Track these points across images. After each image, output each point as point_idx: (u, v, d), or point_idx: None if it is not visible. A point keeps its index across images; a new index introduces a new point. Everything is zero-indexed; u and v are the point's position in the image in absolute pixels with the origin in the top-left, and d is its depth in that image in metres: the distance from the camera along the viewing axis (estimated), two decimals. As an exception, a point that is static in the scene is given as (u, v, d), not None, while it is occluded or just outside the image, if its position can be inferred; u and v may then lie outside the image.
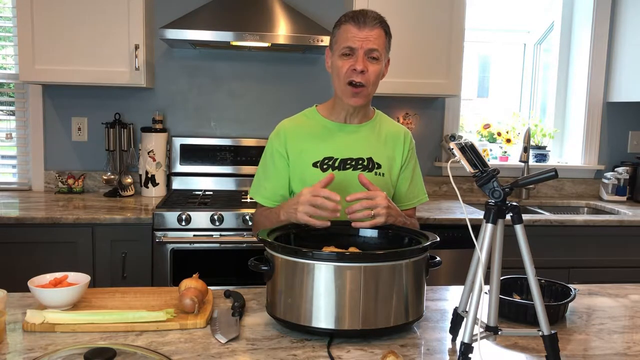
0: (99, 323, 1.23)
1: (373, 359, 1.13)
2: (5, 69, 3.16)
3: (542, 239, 2.68)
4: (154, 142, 2.96)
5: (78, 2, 2.70)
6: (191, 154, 3.10)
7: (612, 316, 1.42)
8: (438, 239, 1.33)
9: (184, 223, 2.50)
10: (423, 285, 1.28)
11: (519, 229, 1.10)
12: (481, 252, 1.08)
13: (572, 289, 1.43)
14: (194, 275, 1.40)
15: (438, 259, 1.32)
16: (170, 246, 2.50)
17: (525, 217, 2.65)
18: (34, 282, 1.34)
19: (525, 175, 2.67)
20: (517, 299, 1.44)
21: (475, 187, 2.41)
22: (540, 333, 1.09)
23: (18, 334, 1.21)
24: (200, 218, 2.52)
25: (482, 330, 1.12)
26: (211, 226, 2.52)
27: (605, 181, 3.32)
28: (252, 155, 3.10)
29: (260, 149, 3.18)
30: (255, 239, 1.77)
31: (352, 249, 1.40)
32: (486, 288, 1.15)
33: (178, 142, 3.09)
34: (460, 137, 1.18)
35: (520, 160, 3.30)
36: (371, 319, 1.19)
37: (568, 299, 1.38)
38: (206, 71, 3.19)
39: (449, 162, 1.16)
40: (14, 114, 3.14)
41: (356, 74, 1.60)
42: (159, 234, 2.49)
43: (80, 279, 1.38)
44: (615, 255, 2.79)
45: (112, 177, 3.02)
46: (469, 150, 1.14)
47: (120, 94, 3.11)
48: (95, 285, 1.81)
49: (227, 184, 3.14)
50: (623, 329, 1.34)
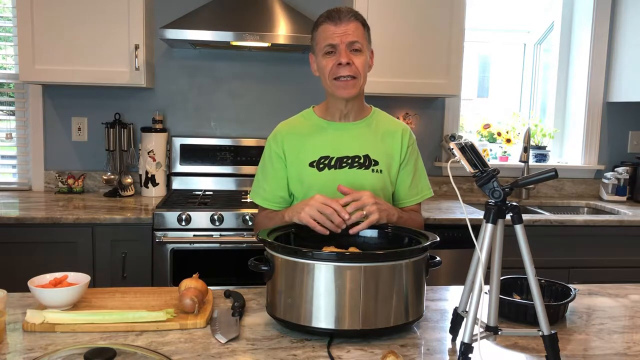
0: (99, 323, 1.23)
1: (373, 359, 1.13)
2: (5, 69, 3.16)
3: (542, 239, 2.68)
4: (154, 142, 2.96)
5: (78, 2, 2.70)
6: (191, 154, 3.10)
7: (612, 316, 1.42)
8: (438, 239, 1.33)
9: (184, 223, 2.50)
10: (423, 285, 1.28)
11: (519, 229, 1.10)
12: (481, 252, 1.08)
13: (572, 289, 1.43)
14: (194, 275, 1.40)
15: (438, 259, 1.32)
16: (170, 246, 2.51)
17: (525, 217, 2.65)
18: (34, 282, 1.34)
19: (525, 175, 2.67)
20: (517, 299, 1.43)
21: (475, 187, 2.41)
22: (540, 333, 1.09)
23: (18, 334, 1.21)
24: (200, 218, 2.52)
25: (482, 330, 1.12)
26: (211, 226, 2.52)
27: (605, 181, 3.32)
28: (252, 155, 3.10)
29: (260, 149, 3.18)
30: (255, 239, 1.77)
31: (352, 249, 1.40)
32: (486, 288, 1.15)
33: (178, 142, 3.09)
34: (460, 137, 1.18)
35: (520, 160, 3.30)
36: (371, 319, 1.19)
37: (568, 299, 1.38)
38: (206, 71, 3.19)
39: (449, 162, 1.16)
40: (14, 114, 3.14)
41: (342, 69, 1.60)
42: (159, 234, 2.49)
43: (80, 279, 1.38)
44: (615, 255, 2.79)
45: (112, 177, 3.02)
46: (469, 150, 1.14)
47: (120, 94, 3.11)
48: (95, 285, 1.81)
49: (227, 184, 3.14)
50: (623, 329, 1.34)
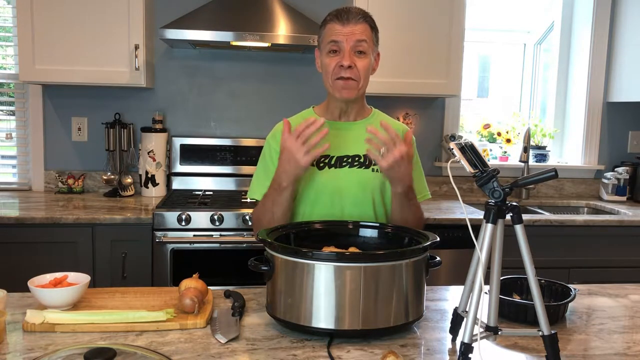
0: (99, 323, 1.23)
1: (373, 359, 1.13)
2: (5, 69, 3.16)
3: (542, 239, 2.68)
4: (154, 142, 2.96)
5: (78, 2, 2.70)
6: (191, 154, 3.10)
7: (612, 316, 1.42)
8: (438, 239, 1.33)
9: (184, 223, 2.50)
10: (423, 285, 1.28)
11: (519, 229, 1.10)
12: (481, 252, 1.08)
13: (572, 289, 1.43)
14: (194, 275, 1.40)
15: (438, 259, 1.32)
16: (170, 246, 2.51)
17: (525, 217, 2.65)
18: (34, 282, 1.34)
19: (525, 175, 2.67)
20: (517, 299, 1.43)
21: (475, 187, 2.41)
22: (540, 333, 1.09)
23: (18, 334, 1.21)
24: (200, 218, 2.52)
25: (482, 330, 1.12)
26: (211, 226, 2.52)
27: (605, 181, 3.32)
28: (252, 155, 3.10)
29: (260, 149, 3.17)
30: (255, 239, 1.77)
31: (352, 249, 1.40)
32: (486, 288, 1.15)
33: (178, 142, 3.09)
34: (460, 137, 1.18)
35: (520, 160, 3.30)
36: (371, 319, 1.19)
37: (568, 299, 1.38)
38: (206, 71, 3.19)
39: (449, 162, 1.15)
40: (14, 114, 3.14)
41: (344, 70, 1.60)
42: (159, 234, 2.49)
43: (80, 279, 1.38)
44: (615, 255, 2.79)
45: (112, 177, 3.02)
46: (469, 150, 1.14)
47: (120, 94, 3.11)
48: (95, 285, 1.81)
49: (227, 184, 3.14)
50: (623, 329, 1.34)
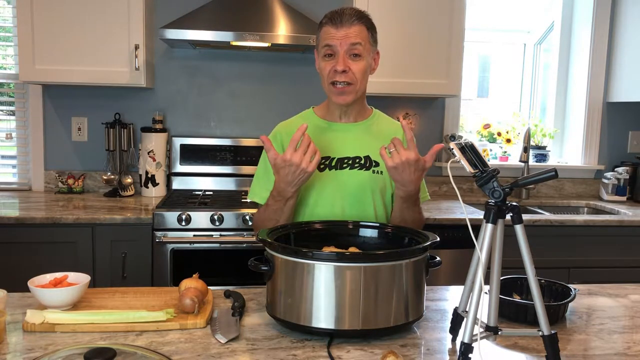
0: (99, 323, 1.23)
1: (373, 359, 1.13)
2: (5, 69, 3.16)
3: (542, 239, 2.68)
4: (154, 142, 2.96)
5: (78, 2, 2.70)
6: (191, 154, 3.10)
7: (612, 316, 1.42)
8: (438, 239, 1.33)
9: (184, 223, 2.50)
10: (423, 285, 1.28)
11: (519, 229, 1.10)
12: (481, 252, 1.08)
13: (572, 289, 1.43)
14: (194, 275, 1.40)
15: (438, 259, 1.32)
16: (170, 246, 2.51)
17: (525, 217, 2.65)
18: (34, 282, 1.34)
19: (525, 175, 2.67)
20: (517, 299, 1.43)
21: (475, 187, 2.41)
22: (540, 333, 1.09)
23: (18, 334, 1.21)
24: (200, 218, 2.52)
25: (482, 330, 1.12)
26: (211, 226, 2.52)
27: (605, 181, 3.32)
28: (252, 155, 3.10)
29: (260, 149, 3.16)
30: (255, 239, 1.77)
31: (352, 249, 1.40)
32: (486, 288, 1.15)
33: (178, 142, 3.09)
34: (460, 137, 1.18)
35: (520, 160, 3.30)
36: (371, 319, 1.19)
37: (568, 299, 1.38)
38: (206, 71, 3.19)
39: (449, 162, 1.15)
40: (14, 114, 3.14)
41: (338, 75, 1.59)
42: (159, 234, 2.49)
43: (80, 279, 1.38)
44: (615, 255, 2.79)
45: (112, 177, 3.02)
46: (469, 150, 1.14)
47: (120, 94, 3.11)
48: (95, 285, 1.81)
49: (227, 184, 3.14)
50: (623, 329, 1.34)
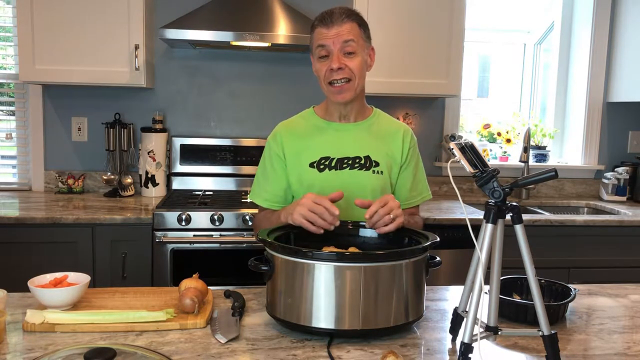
0: (99, 323, 1.23)
1: (373, 359, 1.13)
2: (5, 69, 3.16)
3: (542, 239, 2.68)
4: (154, 142, 2.96)
5: (78, 2, 2.70)
6: (191, 154, 3.10)
7: (612, 316, 1.42)
8: (438, 239, 1.33)
9: (184, 223, 2.50)
10: (423, 285, 1.28)
11: (519, 229, 1.10)
12: (481, 252, 1.08)
13: (572, 289, 1.43)
14: (194, 275, 1.40)
15: (438, 259, 1.32)
16: (170, 246, 2.51)
17: (525, 217, 2.65)
18: (34, 282, 1.34)
19: (525, 175, 2.67)
20: (517, 299, 1.44)
21: (475, 187, 2.41)
22: (540, 333, 1.09)
23: (18, 334, 1.21)
24: (200, 218, 2.52)
25: (482, 330, 1.12)
26: (211, 226, 2.52)
27: (605, 181, 3.32)
28: (252, 155, 3.10)
29: (260, 149, 3.17)
30: (255, 239, 1.77)
31: (352, 249, 1.40)
32: (486, 288, 1.15)
33: (178, 142, 3.09)
34: (460, 137, 1.18)
35: (520, 160, 3.30)
36: (371, 319, 1.19)
37: (568, 299, 1.38)
38: (206, 71, 3.19)
39: (449, 162, 1.15)
40: (14, 114, 3.14)
41: (335, 73, 1.59)
42: (159, 234, 2.49)
43: (80, 279, 1.38)
44: (615, 255, 2.79)
45: (112, 177, 3.02)
46: (469, 150, 1.14)
47: (120, 94, 3.11)
48: (95, 285, 1.81)
49: (227, 184, 3.14)
50: (623, 329, 1.34)
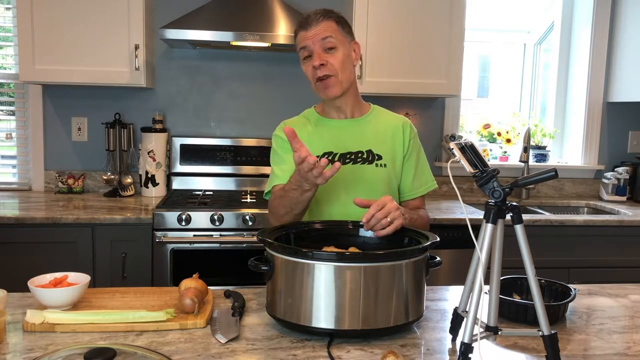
0: (99, 323, 1.23)
1: (373, 359, 1.13)
2: (5, 69, 3.16)
3: (542, 239, 2.68)
4: (154, 142, 2.96)
5: (78, 2, 2.70)
6: (191, 154, 3.10)
7: (612, 316, 1.42)
8: (438, 239, 1.33)
9: (184, 223, 2.50)
10: (423, 285, 1.28)
11: (519, 229, 1.10)
12: (481, 252, 1.08)
13: (572, 289, 1.43)
14: (194, 275, 1.40)
15: (438, 259, 1.32)
16: (170, 246, 2.51)
17: (525, 217, 2.65)
18: (34, 282, 1.34)
19: (525, 175, 2.67)
20: (517, 299, 1.43)
21: (475, 187, 2.41)
22: (540, 333, 1.09)
23: (18, 334, 1.21)
24: (200, 218, 2.52)
25: (482, 330, 1.12)
26: (211, 226, 2.52)
27: (605, 181, 3.32)
28: (252, 155, 3.10)
29: (260, 149, 3.19)
30: (255, 239, 1.77)
31: (352, 249, 1.40)
32: (486, 288, 1.15)
33: (178, 142, 3.09)
34: (460, 137, 1.18)
35: (520, 160, 3.30)
36: (371, 319, 1.19)
37: (568, 299, 1.38)
38: (206, 71, 3.19)
39: (449, 162, 1.15)
40: (14, 114, 3.14)
41: (318, 70, 1.63)
42: (159, 234, 2.49)
43: (80, 279, 1.38)
44: (615, 255, 2.79)
45: (112, 177, 3.02)
46: (469, 150, 1.14)
47: (120, 94, 3.11)
48: (95, 285, 1.81)
49: (227, 184, 3.13)
50: (623, 329, 1.34)
